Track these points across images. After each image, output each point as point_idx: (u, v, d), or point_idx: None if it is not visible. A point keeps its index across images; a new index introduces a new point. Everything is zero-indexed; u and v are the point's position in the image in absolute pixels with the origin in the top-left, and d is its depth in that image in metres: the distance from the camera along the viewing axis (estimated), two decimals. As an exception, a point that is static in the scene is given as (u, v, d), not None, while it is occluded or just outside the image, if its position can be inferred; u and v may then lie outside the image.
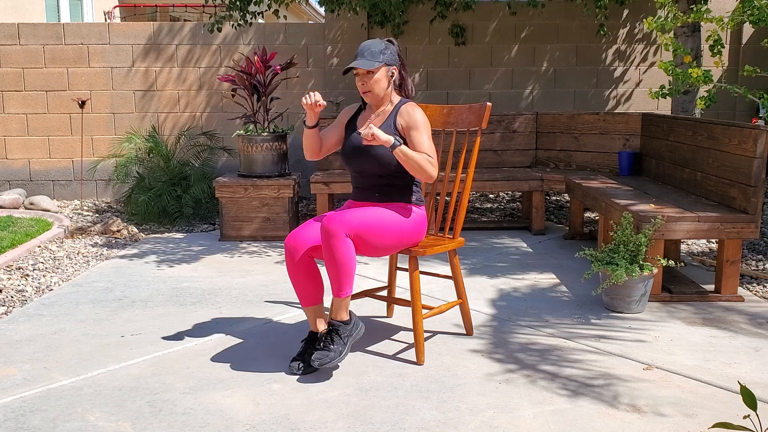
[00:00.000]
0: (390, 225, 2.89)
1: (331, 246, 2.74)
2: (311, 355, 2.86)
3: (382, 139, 2.78)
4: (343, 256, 2.74)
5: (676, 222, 3.67)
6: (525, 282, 4.15)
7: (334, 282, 2.79)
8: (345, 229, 2.74)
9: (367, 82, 2.95)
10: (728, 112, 6.87)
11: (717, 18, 4.21)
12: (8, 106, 6.77)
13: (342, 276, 2.77)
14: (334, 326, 2.83)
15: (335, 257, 2.74)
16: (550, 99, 6.87)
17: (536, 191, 5.37)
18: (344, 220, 2.76)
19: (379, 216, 2.87)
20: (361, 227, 2.79)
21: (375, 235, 2.85)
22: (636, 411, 2.52)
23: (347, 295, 2.82)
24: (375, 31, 6.72)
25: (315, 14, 15.87)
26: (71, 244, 5.19)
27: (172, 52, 6.76)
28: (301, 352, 2.92)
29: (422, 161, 2.86)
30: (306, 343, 2.95)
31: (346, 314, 2.85)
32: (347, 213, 2.81)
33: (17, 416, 2.53)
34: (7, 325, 3.50)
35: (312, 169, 6.85)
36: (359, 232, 2.80)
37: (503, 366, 2.93)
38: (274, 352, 3.11)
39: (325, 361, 2.74)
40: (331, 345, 2.78)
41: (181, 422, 2.47)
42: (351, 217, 2.79)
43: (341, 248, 2.74)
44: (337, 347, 2.78)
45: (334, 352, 2.76)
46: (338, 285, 2.79)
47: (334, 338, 2.80)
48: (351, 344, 2.85)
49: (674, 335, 3.27)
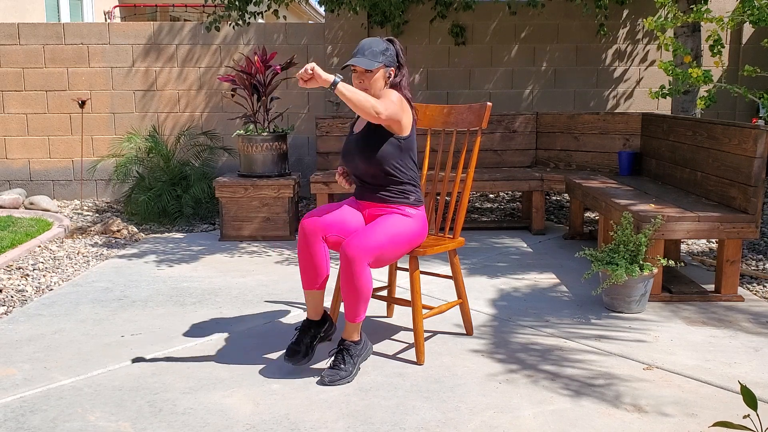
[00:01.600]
0: (401, 238, 2.91)
1: (352, 273, 2.76)
2: (308, 344, 2.90)
3: (322, 77, 2.68)
4: (363, 284, 2.78)
5: (676, 222, 3.67)
6: (525, 282, 4.15)
7: (351, 307, 2.82)
8: (367, 257, 2.77)
9: (365, 81, 2.93)
10: (728, 112, 6.87)
11: (717, 18, 4.21)
12: (8, 106, 6.77)
13: (360, 303, 2.81)
14: (346, 346, 2.85)
15: (356, 285, 2.77)
16: (550, 99, 6.87)
17: (536, 191, 5.37)
18: (366, 248, 2.77)
19: (391, 233, 2.87)
20: (379, 250, 2.82)
21: (388, 254, 2.88)
22: (636, 411, 2.52)
23: (361, 321, 2.86)
24: (375, 31, 6.72)
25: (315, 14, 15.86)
26: (71, 244, 5.19)
27: (172, 52, 6.76)
28: (297, 341, 2.92)
29: (364, 98, 2.75)
30: (300, 332, 2.96)
31: (357, 336, 2.89)
32: (365, 238, 2.79)
33: (17, 416, 2.53)
34: (7, 325, 3.50)
35: (312, 169, 6.85)
36: (378, 256, 2.83)
37: (504, 366, 2.93)
38: (274, 352, 3.11)
39: (336, 379, 2.76)
40: (342, 365, 2.80)
41: (181, 422, 2.47)
42: (370, 242, 2.79)
43: (362, 276, 2.77)
44: (347, 367, 2.81)
45: (345, 371, 2.79)
46: (355, 311, 2.82)
47: (346, 358, 2.82)
48: (360, 363, 2.88)
49: (674, 335, 3.27)
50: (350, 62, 2.89)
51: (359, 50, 2.92)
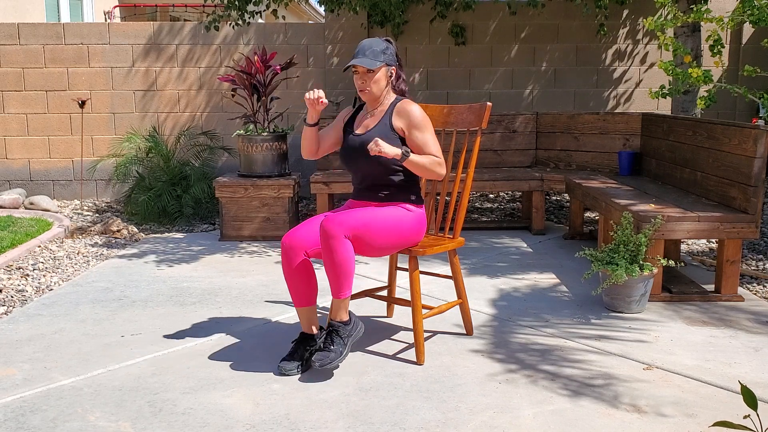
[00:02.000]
0: (389, 225, 2.88)
1: (330, 247, 2.73)
2: (302, 356, 2.88)
3: (390, 153, 2.80)
4: (341, 258, 2.74)
5: (677, 222, 3.67)
6: (525, 282, 4.15)
7: (333, 283, 2.79)
8: (344, 230, 2.74)
9: (367, 81, 2.94)
10: (728, 112, 6.87)
11: (717, 18, 4.21)
12: (8, 106, 6.77)
13: (341, 277, 2.77)
14: (335, 327, 2.83)
15: (334, 258, 2.74)
16: (550, 99, 6.87)
17: (536, 191, 5.37)
18: (343, 222, 2.75)
19: (377, 216, 2.87)
20: (359, 228, 2.79)
21: (374, 236, 2.84)
22: (636, 411, 2.52)
23: (346, 296, 2.81)
24: (375, 31, 6.72)
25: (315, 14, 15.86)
26: (71, 244, 5.19)
27: (172, 52, 6.76)
28: (291, 353, 2.91)
29: (430, 165, 2.90)
30: (296, 344, 2.94)
31: (345, 315, 2.85)
32: (345, 214, 2.80)
33: (17, 416, 2.53)
34: (7, 325, 3.50)
35: (312, 169, 6.85)
36: (358, 233, 2.79)
37: (504, 366, 2.93)
38: (274, 352, 3.11)
39: (326, 361, 2.74)
40: (332, 346, 2.78)
41: (181, 422, 2.47)
42: (349, 218, 2.78)
43: (340, 249, 2.73)
44: (337, 348, 2.78)
45: (335, 352, 2.76)
46: (338, 286, 2.79)
47: (335, 339, 2.80)
48: (351, 344, 2.85)
49: (674, 335, 3.27)
50: (353, 62, 2.90)
51: (360, 51, 2.93)
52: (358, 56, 2.92)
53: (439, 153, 2.94)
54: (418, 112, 2.96)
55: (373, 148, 2.77)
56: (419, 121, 2.94)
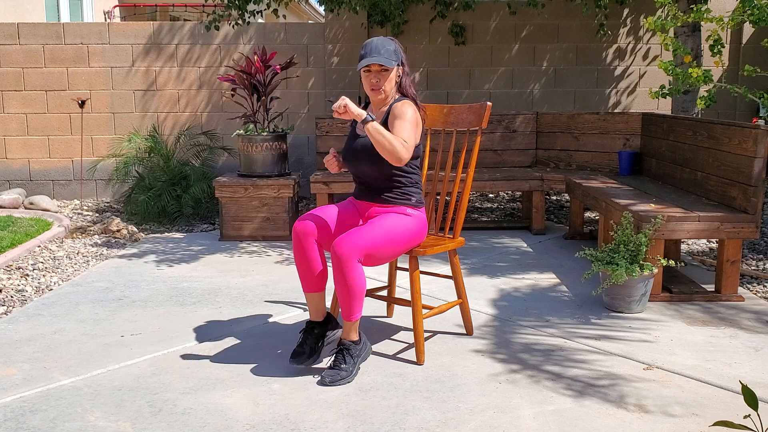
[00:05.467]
0: (395, 237, 2.89)
1: (342, 271, 2.75)
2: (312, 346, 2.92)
3: (354, 112, 2.76)
4: (354, 282, 2.77)
5: (677, 222, 3.67)
6: (525, 282, 4.15)
7: (345, 306, 2.82)
8: (356, 254, 2.75)
9: (382, 80, 2.94)
10: (728, 112, 6.87)
11: (717, 18, 4.21)
12: (8, 106, 6.76)
13: (353, 301, 2.80)
14: (346, 346, 2.86)
15: (347, 283, 2.76)
16: (550, 98, 6.87)
17: (536, 191, 5.36)
18: (355, 245, 2.75)
19: (384, 231, 2.86)
20: (371, 248, 2.80)
21: (383, 251, 2.86)
22: (636, 411, 2.52)
23: (357, 319, 2.85)
24: (375, 31, 6.71)
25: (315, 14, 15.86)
26: (71, 244, 5.19)
27: (172, 52, 6.76)
28: (301, 343, 2.94)
29: (393, 140, 2.78)
30: (304, 333, 2.97)
31: (356, 335, 2.89)
32: (356, 235, 2.78)
33: (17, 416, 2.53)
34: (7, 325, 3.49)
35: (312, 169, 6.85)
36: (370, 253, 2.81)
37: (504, 366, 2.93)
38: (274, 352, 3.11)
39: (336, 379, 2.77)
40: (342, 364, 2.81)
41: (181, 422, 2.47)
42: (360, 239, 2.77)
43: (353, 274, 2.76)
44: (348, 367, 2.81)
45: (345, 371, 2.79)
46: (349, 310, 2.82)
47: (346, 358, 2.83)
48: (360, 364, 2.89)
49: (675, 335, 3.26)
50: (371, 61, 2.88)
51: (373, 50, 2.91)
52: (373, 55, 2.90)
53: (410, 141, 2.84)
54: (410, 109, 2.92)
55: (338, 105, 2.75)
56: (405, 114, 2.90)
